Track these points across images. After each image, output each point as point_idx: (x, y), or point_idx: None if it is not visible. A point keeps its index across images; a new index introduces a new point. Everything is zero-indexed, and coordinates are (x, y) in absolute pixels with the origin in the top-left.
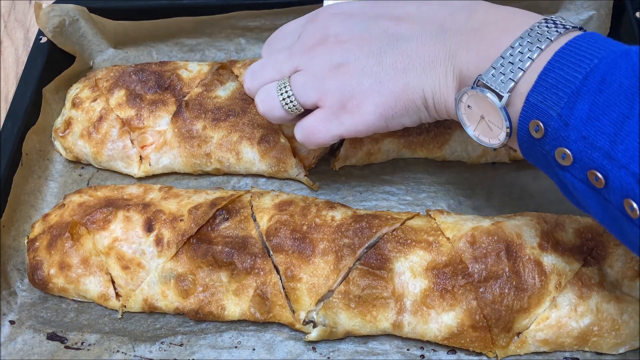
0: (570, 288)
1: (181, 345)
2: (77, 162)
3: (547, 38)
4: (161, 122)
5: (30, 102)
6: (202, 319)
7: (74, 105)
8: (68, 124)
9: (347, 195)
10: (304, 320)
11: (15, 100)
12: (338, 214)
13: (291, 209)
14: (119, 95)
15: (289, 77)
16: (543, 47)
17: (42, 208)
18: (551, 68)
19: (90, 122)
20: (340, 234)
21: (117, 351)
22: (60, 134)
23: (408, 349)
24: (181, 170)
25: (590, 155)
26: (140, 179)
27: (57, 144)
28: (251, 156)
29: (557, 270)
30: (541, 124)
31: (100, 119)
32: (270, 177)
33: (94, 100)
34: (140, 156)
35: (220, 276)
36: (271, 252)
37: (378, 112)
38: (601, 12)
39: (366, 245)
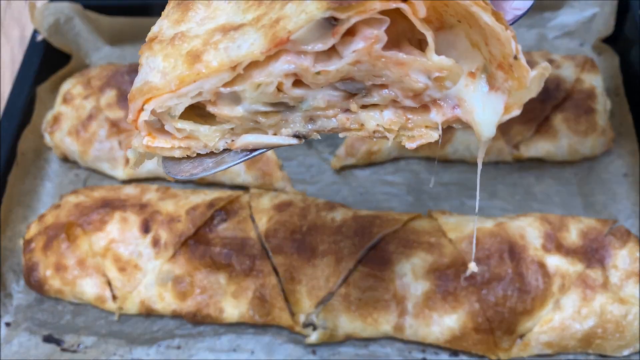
0: (573, 290)
1: (179, 348)
2: (73, 162)
3: None
4: None
5: (26, 102)
6: (200, 322)
7: (65, 100)
8: (56, 119)
9: (348, 195)
10: (304, 323)
11: (10, 100)
12: (338, 215)
13: (290, 210)
14: (110, 95)
15: None
16: None
17: (37, 208)
18: None
19: (79, 119)
20: (340, 235)
21: (114, 354)
22: (49, 129)
23: (409, 352)
24: (165, 176)
25: None
26: (124, 182)
27: (47, 138)
28: (237, 166)
29: (560, 272)
30: None
31: (90, 117)
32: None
33: (85, 98)
34: (127, 159)
35: (218, 278)
36: (270, 254)
37: None
38: (605, 9)
39: (367, 246)
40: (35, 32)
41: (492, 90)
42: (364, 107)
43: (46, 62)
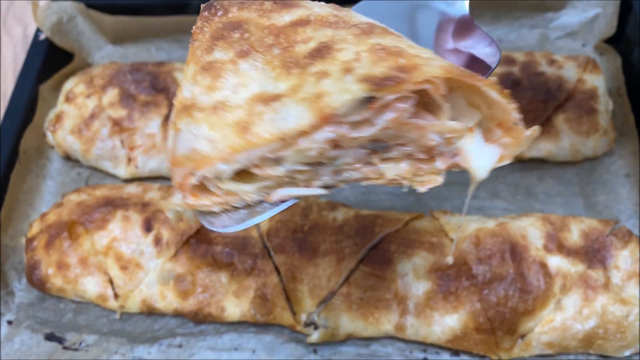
0: (575, 290)
1: (180, 346)
2: (75, 161)
3: None
4: (152, 125)
5: (29, 100)
6: (202, 321)
7: (67, 99)
8: (59, 117)
9: (350, 195)
10: (305, 322)
11: (13, 98)
12: (340, 215)
13: (292, 209)
14: (113, 94)
15: None
16: None
17: (40, 207)
18: None
19: (81, 118)
20: (342, 234)
21: (116, 352)
22: (51, 128)
23: (410, 352)
24: (168, 175)
25: None
26: (126, 180)
27: (49, 136)
28: None
29: (562, 272)
30: None
31: (92, 116)
32: None
33: (88, 96)
34: (129, 158)
35: (220, 277)
36: (272, 253)
37: None
38: (607, 10)
39: (368, 246)
40: (37, 31)
41: (487, 142)
42: (383, 160)
43: (49, 60)
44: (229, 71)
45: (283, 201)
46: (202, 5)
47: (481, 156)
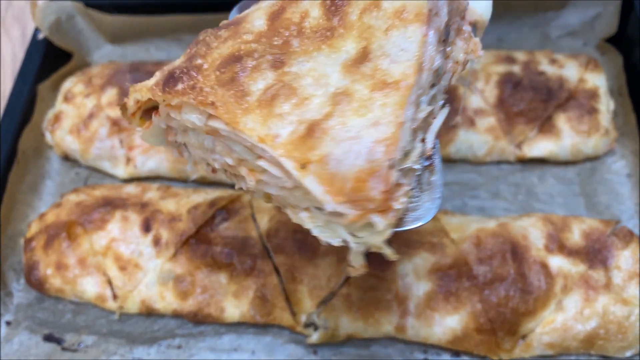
0: (576, 291)
1: (179, 347)
2: (74, 161)
3: None
4: None
5: (27, 100)
6: (201, 321)
7: (66, 99)
8: (57, 117)
9: None
10: (305, 323)
11: (11, 98)
12: None
13: None
14: (111, 93)
15: None
16: None
17: (38, 207)
18: None
19: (80, 118)
20: None
21: (115, 353)
22: (50, 127)
23: (411, 353)
24: (167, 175)
25: None
26: (125, 180)
27: (48, 136)
28: None
29: (563, 273)
30: None
31: (91, 116)
32: None
33: (87, 96)
34: (128, 157)
35: (219, 277)
36: (272, 253)
37: None
38: (608, 9)
39: None
40: (36, 31)
41: None
42: (451, 45)
43: (47, 60)
44: (292, 81)
45: (431, 148)
46: (160, 83)
47: (479, 2)
